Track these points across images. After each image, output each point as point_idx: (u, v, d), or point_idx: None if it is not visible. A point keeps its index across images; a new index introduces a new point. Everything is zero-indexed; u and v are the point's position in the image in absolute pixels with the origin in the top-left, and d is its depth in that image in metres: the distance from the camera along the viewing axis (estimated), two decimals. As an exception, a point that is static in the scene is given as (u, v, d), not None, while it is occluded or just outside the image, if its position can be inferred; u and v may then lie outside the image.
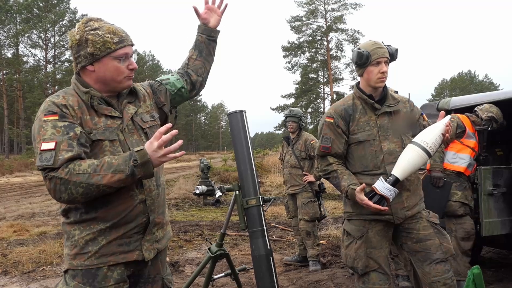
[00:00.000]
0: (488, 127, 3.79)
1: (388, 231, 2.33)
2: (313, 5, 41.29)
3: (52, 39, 41.04)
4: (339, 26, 40.89)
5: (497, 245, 4.30)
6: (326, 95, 42.73)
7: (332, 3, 41.18)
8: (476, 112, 3.84)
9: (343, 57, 41.54)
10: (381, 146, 2.28)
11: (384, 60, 2.28)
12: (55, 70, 40.06)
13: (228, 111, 2.07)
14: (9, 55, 39.60)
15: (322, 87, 43.45)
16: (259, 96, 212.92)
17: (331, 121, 2.35)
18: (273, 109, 42.06)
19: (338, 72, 42.14)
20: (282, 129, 43.99)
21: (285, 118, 4.89)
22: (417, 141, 2.16)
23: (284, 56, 42.17)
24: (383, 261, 2.29)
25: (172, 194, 11.17)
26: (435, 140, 2.15)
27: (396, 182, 2.13)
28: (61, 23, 40.81)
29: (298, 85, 42.43)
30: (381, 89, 2.37)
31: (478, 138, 3.76)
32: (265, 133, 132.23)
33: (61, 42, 41.04)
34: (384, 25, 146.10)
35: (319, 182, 4.73)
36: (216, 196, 2.16)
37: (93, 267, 1.49)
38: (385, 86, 2.38)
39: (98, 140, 1.50)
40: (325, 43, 42.19)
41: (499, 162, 4.49)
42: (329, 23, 41.22)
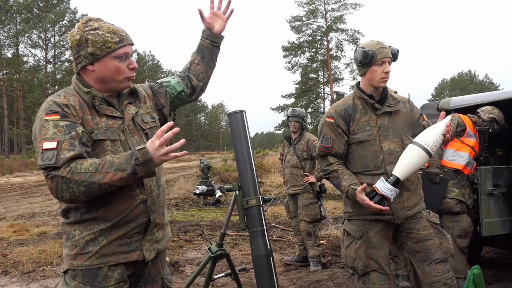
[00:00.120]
0: (490, 128, 3.80)
1: (389, 231, 2.33)
2: (313, 5, 41.32)
3: (52, 39, 41.07)
4: (339, 26, 40.92)
5: (497, 245, 4.29)
6: (326, 95, 42.78)
7: (332, 3, 41.23)
8: (478, 114, 3.87)
9: (343, 57, 41.65)
10: (382, 146, 2.29)
11: (388, 60, 2.29)
12: (55, 70, 40.06)
13: (228, 111, 2.07)
14: (9, 55, 39.64)
15: (322, 87, 43.49)
16: (259, 96, 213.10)
17: (332, 121, 2.35)
18: (273, 109, 42.10)
19: (338, 72, 42.20)
20: (282, 129, 44.02)
21: (288, 118, 4.86)
22: (418, 141, 2.16)
23: (284, 56, 42.22)
24: (384, 261, 2.29)
25: (172, 194, 11.17)
26: (436, 141, 2.16)
27: (397, 182, 2.13)
28: (61, 23, 40.82)
29: (298, 85, 42.45)
30: (381, 89, 2.37)
31: (479, 139, 3.77)
32: (265, 133, 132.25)
33: (61, 42, 41.05)
34: (384, 25, 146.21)
35: (320, 183, 4.72)
36: (216, 196, 2.16)
37: (94, 267, 1.49)
38: (385, 86, 2.38)
39: (100, 140, 1.50)
40: (325, 43, 42.21)
41: (499, 162, 4.49)
42: (329, 23, 41.23)
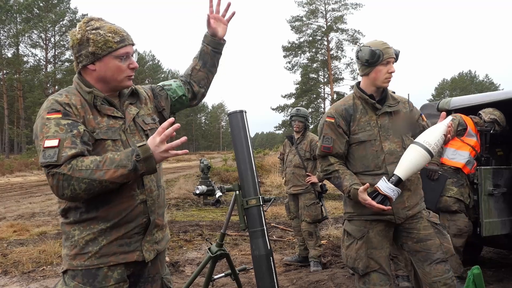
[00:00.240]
0: (491, 129, 3.81)
1: (389, 231, 2.33)
2: (314, 5, 41.33)
3: (53, 39, 41.08)
4: (340, 26, 40.93)
5: (497, 245, 4.29)
6: (327, 95, 42.80)
7: (333, 3, 41.23)
8: (480, 115, 3.89)
9: (344, 57, 41.65)
10: (382, 146, 2.28)
11: (392, 61, 2.29)
12: (55, 70, 40.08)
13: (228, 111, 2.06)
14: (10, 55, 39.68)
15: (323, 87, 43.50)
16: (259, 96, 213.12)
17: (332, 121, 2.34)
18: (273, 109, 42.11)
19: (339, 72, 42.20)
20: (283, 129, 43.99)
21: (291, 117, 4.83)
22: (420, 142, 2.16)
23: (285, 56, 42.23)
24: (384, 262, 2.29)
25: (172, 194, 11.17)
26: (438, 141, 2.16)
27: (399, 182, 2.14)
28: (62, 23, 40.85)
29: (299, 85, 42.46)
30: (382, 89, 2.37)
31: (480, 139, 3.78)
32: (265, 133, 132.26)
33: (62, 42, 41.08)
34: (384, 25, 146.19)
35: (321, 183, 4.70)
36: (216, 196, 2.16)
37: (93, 267, 1.49)
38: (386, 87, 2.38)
39: (101, 140, 1.50)
40: (326, 43, 42.22)
41: (499, 162, 4.49)
42: (330, 23, 41.23)
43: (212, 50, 1.90)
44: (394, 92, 3.28)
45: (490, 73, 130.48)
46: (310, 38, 41.85)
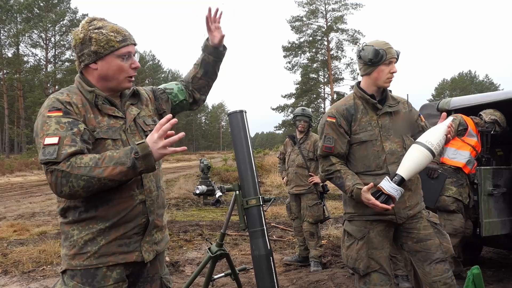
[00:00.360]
0: (492, 130, 3.82)
1: (389, 231, 2.33)
2: (314, 5, 41.30)
3: (53, 39, 41.08)
4: (340, 26, 40.89)
5: (497, 245, 4.30)
6: (327, 95, 42.78)
7: (333, 3, 41.19)
8: (481, 116, 3.89)
9: (344, 57, 41.60)
10: (383, 146, 2.28)
11: (394, 61, 2.29)
12: (56, 70, 40.07)
13: (228, 111, 2.07)
14: (10, 55, 39.67)
15: (323, 87, 43.49)
16: (259, 96, 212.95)
17: (333, 121, 2.33)
18: (273, 109, 42.10)
19: (339, 72, 42.17)
20: (283, 129, 43.99)
21: (296, 117, 4.79)
22: (423, 142, 2.17)
23: (285, 56, 42.20)
24: (385, 262, 2.29)
25: (172, 194, 11.17)
26: (440, 141, 2.18)
27: (402, 182, 2.14)
28: (62, 23, 40.85)
29: (299, 85, 42.44)
30: (382, 90, 2.37)
31: (481, 140, 3.79)
32: (265, 133, 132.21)
33: (62, 42, 41.10)
34: (384, 25, 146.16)
35: (323, 184, 4.69)
36: (216, 196, 2.16)
37: (92, 267, 1.49)
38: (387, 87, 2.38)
39: (101, 139, 1.51)
40: (326, 43, 42.19)
41: (499, 162, 4.50)
42: (330, 23, 41.20)
43: (214, 60, 1.92)
44: (391, 91, 3.30)
45: (490, 73, 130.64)
46: (310, 38, 41.83)
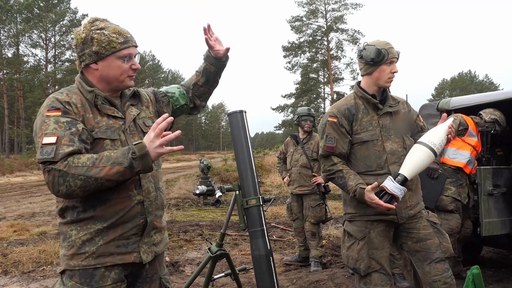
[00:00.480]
0: (492, 130, 3.82)
1: (390, 231, 2.33)
2: (314, 5, 41.30)
3: (53, 39, 41.08)
4: (340, 26, 40.89)
5: (497, 245, 4.30)
6: (327, 95, 42.78)
7: (333, 3, 41.20)
8: (481, 115, 3.89)
9: (344, 57, 41.61)
10: (384, 146, 2.28)
11: (395, 61, 2.30)
12: (56, 70, 40.07)
13: (228, 111, 2.07)
14: (10, 55, 39.68)
15: (323, 87, 43.48)
16: (259, 96, 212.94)
17: (335, 121, 2.32)
18: (273, 109, 42.10)
19: (339, 72, 42.18)
20: (283, 129, 43.98)
21: (301, 117, 4.74)
22: (425, 142, 2.17)
23: (285, 56, 42.21)
24: (385, 262, 2.29)
25: (172, 194, 11.17)
26: (442, 141, 2.19)
27: (405, 182, 2.14)
28: (62, 23, 40.86)
29: (299, 85, 42.44)
30: (382, 89, 2.37)
31: (481, 140, 3.79)
32: (265, 133, 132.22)
33: (62, 42, 41.12)
34: (384, 25, 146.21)
35: (324, 184, 4.67)
36: (216, 196, 2.16)
37: (90, 268, 1.49)
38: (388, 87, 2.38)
39: (100, 139, 1.51)
40: (326, 43, 42.19)
41: (499, 162, 4.50)
42: (330, 23, 41.21)
43: (216, 69, 1.93)
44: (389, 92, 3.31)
45: (490, 73, 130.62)
46: (310, 38, 41.83)
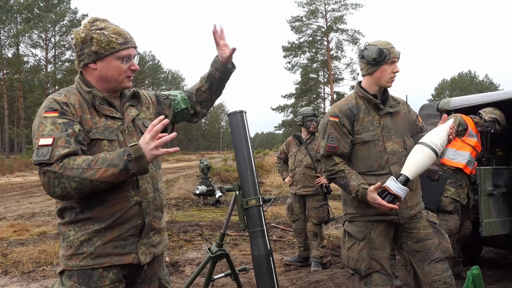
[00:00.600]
0: (491, 129, 3.82)
1: (390, 232, 2.33)
2: (314, 5, 41.32)
3: (53, 39, 41.10)
4: (340, 26, 40.92)
5: (497, 245, 4.30)
6: (326, 95, 42.80)
7: (333, 3, 41.23)
8: (480, 115, 3.88)
9: (344, 57, 41.64)
10: (385, 147, 2.28)
11: (397, 61, 2.30)
12: (56, 70, 40.08)
13: (228, 111, 2.07)
14: (10, 55, 39.70)
15: (322, 87, 43.51)
16: (259, 96, 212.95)
17: (336, 121, 2.32)
18: (273, 109, 42.12)
19: (339, 72, 42.20)
20: (283, 129, 43.99)
21: (306, 117, 4.70)
22: (427, 142, 2.18)
23: (285, 56, 42.23)
24: (386, 262, 2.29)
25: (172, 194, 11.17)
26: (443, 142, 2.19)
27: (407, 182, 2.14)
28: (62, 23, 40.88)
29: (298, 85, 42.46)
30: (383, 90, 2.38)
31: (481, 139, 3.78)
32: (265, 133, 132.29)
33: (62, 42, 41.13)
34: (384, 25, 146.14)
35: (327, 184, 4.64)
36: (216, 196, 2.16)
37: (88, 268, 1.49)
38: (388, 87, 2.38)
39: (97, 139, 1.51)
40: (326, 43, 42.21)
41: (499, 163, 4.50)
42: (330, 23, 41.23)
43: (220, 76, 1.91)
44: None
45: (490, 73, 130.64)
46: (310, 38, 41.84)
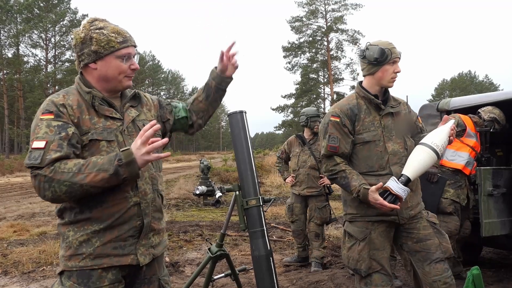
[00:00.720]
0: (490, 128, 3.81)
1: (390, 232, 2.33)
2: (314, 6, 41.30)
3: (53, 39, 41.09)
4: (339, 27, 40.88)
5: (497, 246, 4.30)
6: (326, 95, 42.77)
7: (332, 4, 41.20)
8: (479, 114, 3.87)
9: (344, 58, 41.58)
10: (386, 147, 2.28)
11: (398, 61, 2.30)
12: (56, 70, 40.06)
13: (228, 111, 2.07)
14: (10, 55, 39.66)
15: (322, 87, 43.47)
16: (259, 96, 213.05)
17: (337, 121, 2.31)
18: (273, 109, 42.06)
19: (338, 73, 42.15)
20: (283, 129, 43.97)
21: (310, 118, 4.67)
22: (428, 143, 2.17)
23: (285, 57, 42.18)
24: (386, 262, 2.29)
25: (172, 194, 11.17)
26: (444, 142, 2.19)
27: (408, 182, 2.14)
28: (62, 23, 40.86)
29: (298, 85, 42.43)
30: (384, 90, 2.37)
31: (480, 139, 3.78)
32: (265, 133, 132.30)
33: (62, 42, 41.11)
34: (384, 25, 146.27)
35: (329, 185, 4.63)
36: (216, 197, 2.16)
37: (87, 269, 1.49)
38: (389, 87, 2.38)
39: (96, 140, 1.51)
40: (325, 44, 42.18)
41: (499, 163, 4.50)
42: (329, 24, 41.20)
43: (216, 86, 1.91)
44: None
45: (490, 74, 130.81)
46: (310, 39, 41.82)
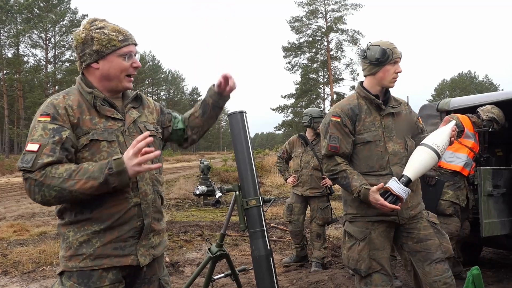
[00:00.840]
0: (489, 128, 3.80)
1: (390, 232, 2.33)
2: (313, 6, 41.30)
3: (53, 39, 41.07)
4: (339, 27, 40.88)
5: (497, 246, 4.30)
6: (326, 96, 42.77)
7: (332, 4, 41.20)
8: (478, 113, 3.85)
9: (343, 58, 41.59)
10: (386, 147, 2.28)
11: (399, 61, 2.30)
12: (56, 70, 40.05)
13: (228, 112, 2.07)
14: (10, 55, 39.64)
15: (322, 88, 43.47)
16: (259, 96, 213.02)
17: (338, 120, 2.31)
18: (273, 109, 42.08)
19: (338, 73, 42.15)
20: (283, 129, 43.97)
21: (313, 118, 4.65)
22: (429, 144, 2.18)
23: (284, 57, 42.19)
24: (386, 262, 2.29)
25: (172, 194, 11.17)
26: (445, 143, 2.19)
27: (409, 183, 2.15)
28: (62, 23, 40.84)
29: (298, 85, 42.42)
30: (385, 90, 2.37)
31: (479, 139, 3.76)
32: (265, 133, 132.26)
33: (62, 42, 41.09)
34: (384, 26, 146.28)
35: (330, 186, 4.63)
36: (216, 197, 2.17)
37: (88, 269, 1.50)
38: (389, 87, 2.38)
39: (96, 140, 1.51)
40: (325, 44, 42.19)
41: (499, 163, 4.50)
42: (329, 24, 41.20)
43: (213, 104, 1.90)
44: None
45: (490, 74, 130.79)
46: (310, 39, 41.82)
